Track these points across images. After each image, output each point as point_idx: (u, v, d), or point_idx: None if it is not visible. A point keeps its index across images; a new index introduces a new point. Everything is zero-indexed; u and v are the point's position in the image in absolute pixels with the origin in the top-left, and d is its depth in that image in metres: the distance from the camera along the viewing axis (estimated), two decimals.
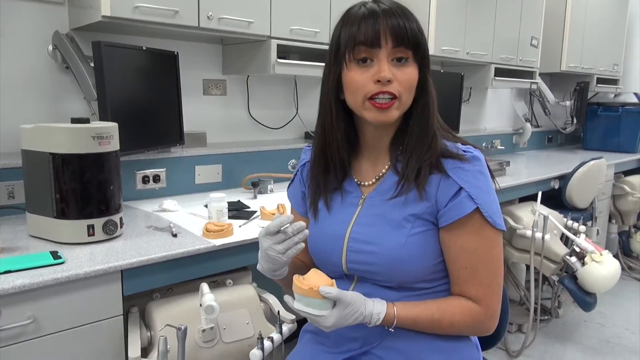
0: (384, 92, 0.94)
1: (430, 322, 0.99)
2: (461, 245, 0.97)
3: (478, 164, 0.98)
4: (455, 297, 1.01)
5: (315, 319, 0.93)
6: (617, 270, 2.29)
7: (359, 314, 0.94)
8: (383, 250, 0.99)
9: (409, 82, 0.96)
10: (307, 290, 0.91)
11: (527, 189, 2.68)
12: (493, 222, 0.97)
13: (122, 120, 1.51)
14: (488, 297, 0.99)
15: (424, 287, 1.02)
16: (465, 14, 2.82)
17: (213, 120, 2.26)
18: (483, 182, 0.97)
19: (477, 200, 0.95)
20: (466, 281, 0.99)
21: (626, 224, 3.66)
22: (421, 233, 0.99)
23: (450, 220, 0.97)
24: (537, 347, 2.55)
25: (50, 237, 1.37)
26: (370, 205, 1.05)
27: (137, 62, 1.76)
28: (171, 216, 1.68)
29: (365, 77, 0.95)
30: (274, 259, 0.99)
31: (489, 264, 0.99)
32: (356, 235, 1.03)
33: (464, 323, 1.00)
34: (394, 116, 0.97)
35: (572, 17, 3.68)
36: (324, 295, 0.91)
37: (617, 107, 4.04)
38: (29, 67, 1.73)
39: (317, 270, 0.99)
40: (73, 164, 1.32)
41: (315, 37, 2.10)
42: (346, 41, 0.96)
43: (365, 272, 1.03)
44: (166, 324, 1.25)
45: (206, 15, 1.76)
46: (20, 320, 1.10)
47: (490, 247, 0.98)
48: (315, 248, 1.11)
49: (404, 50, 0.95)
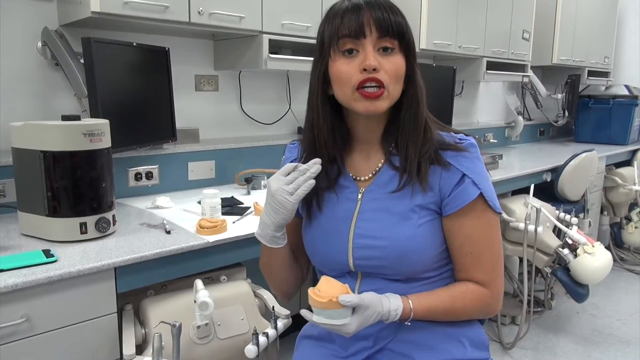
0: (371, 79, 0.94)
1: (444, 311, 1.00)
2: (466, 231, 0.99)
3: (475, 151, 1.01)
4: (464, 282, 1.03)
5: (337, 329, 0.92)
6: (609, 261, 2.31)
7: (377, 314, 0.94)
8: (392, 243, 0.98)
9: (395, 71, 0.96)
10: (326, 303, 0.89)
11: (520, 181, 2.70)
12: (494, 206, 1.00)
13: (114, 117, 1.49)
14: (494, 280, 1.02)
15: (430, 276, 1.03)
16: (457, 7, 2.81)
17: (205, 116, 2.25)
18: (481, 168, 1.00)
19: (480, 186, 0.98)
20: (472, 266, 1.01)
21: (618, 215, 3.68)
22: (427, 223, 1.00)
23: (456, 208, 0.98)
24: (530, 338, 2.57)
25: (43, 235, 1.36)
26: (370, 200, 1.04)
27: (128, 58, 1.75)
28: (164, 213, 1.68)
29: (352, 67, 0.95)
30: (280, 202, 0.97)
31: (492, 248, 1.02)
32: (361, 231, 1.02)
33: (475, 307, 1.02)
34: (383, 106, 0.97)
35: (563, 10, 3.69)
36: (344, 304, 0.89)
37: (608, 99, 4.07)
38: (18, 64, 1.71)
39: (328, 277, 0.96)
40: (64, 161, 1.31)
41: (307, 31, 2.09)
42: (330, 35, 0.96)
43: (374, 267, 1.01)
44: (161, 320, 1.25)
45: (197, 11, 1.74)
46: (13, 320, 1.09)
47: (492, 231, 1.02)
48: (315, 248, 1.08)
49: (389, 40, 0.95)
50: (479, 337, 1.07)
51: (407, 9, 1.00)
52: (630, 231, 3.55)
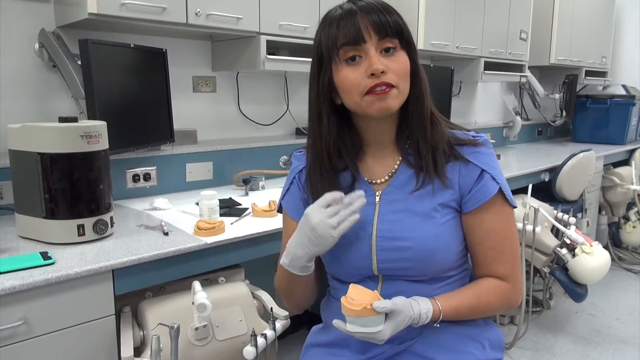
0: (380, 83, 0.93)
1: (470, 309, 1.01)
2: (487, 227, 1.00)
3: (490, 147, 1.03)
4: (486, 279, 1.03)
5: (372, 337, 0.90)
6: (607, 261, 2.31)
7: (409, 318, 0.93)
8: (417, 243, 0.97)
9: (402, 70, 0.95)
10: (360, 311, 0.88)
11: (518, 181, 2.70)
12: (510, 200, 1.02)
13: (111, 118, 1.49)
14: (515, 273, 1.03)
15: (452, 275, 1.04)
16: (455, 8, 2.82)
17: (203, 118, 2.25)
18: (496, 163, 1.02)
19: (498, 181, 1.00)
20: (494, 261, 1.02)
21: (616, 215, 3.69)
22: (450, 221, 1.00)
23: (477, 204, 0.99)
24: (529, 338, 2.57)
25: (40, 237, 1.35)
26: (389, 202, 1.02)
27: (125, 59, 1.75)
28: (162, 214, 1.67)
29: (358, 74, 0.94)
30: (322, 236, 0.92)
31: (511, 242, 1.03)
32: (384, 234, 1.00)
33: (499, 302, 1.03)
34: (394, 104, 0.96)
35: (561, 10, 3.69)
36: (378, 311, 0.88)
37: (606, 99, 4.07)
38: (15, 65, 1.71)
39: (356, 285, 0.94)
40: (62, 163, 1.30)
41: (305, 32, 2.09)
42: (329, 45, 0.95)
43: (398, 269, 1.00)
44: (159, 322, 1.24)
45: (194, 12, 1.74)
46: (11, 322, 1.09)
47: (510, 226, 1.03)
48: (334, 256, 1.04)
49: (389, 40, 0.94)
50: (497, 338, 1.09)
51: (404, 10, 1.01)
52: (628, 231, 3.56)
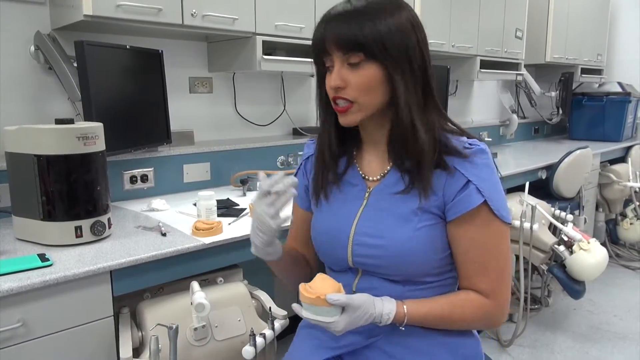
0: (337, 97, 0.98)
1: (441, 318, 0.99)
2: (470, 239, 0.98)
3: (485, 157, 0.98)
4: (465, 291, 1.01)
5: (325, 326, 0.93)
6: (605, 257, 2.32)
7: (369, 316, 0.95)
8: (390, 243, 0.99)
9: (362, 85, 0.96)
10: (314, 299, 0.91)
11: (515, 179, 2.70)
12: (501, 215, 0.97)
13: (108, 120, 1.49)
14: (497, 291, 0.99)
15: (430, 280, 1.02)
16: (450, 7, 2.82)
17: (200, 118, 2.25)
18: (490, 176, 0.97)
19: (484, 194, 0.95)
20: (476, 275, 0.99)
21: (613, 212, 3.70)
22: (428, 227, 0.98)
23: (458, 214, 0.97)
24: (528, 336, 2.57)
25: (38, 239, 1.35)
26: (376, 200, 1.04)
27: (121, 61, 1.75)
28: (160, 215, 1.67)
29: (327, 83, 0.99)
30: (265, 224, 0.98)
31: (498, 258, 0.99)
32: (362, 229, 1.03)
33: (475, 317, 1.00)
34: (353, 119, 0.99)
35: (556, 8, 3.71)
36: (331, 303, 0.91)
37: (602, 96, 4.08)
38: (11, 68, 1.70)
39: (323, 275, 0.98)
40: (58, 165, 1.30)
41: (301, 32, 2.09)
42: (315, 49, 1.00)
43: (371, 265, 1.02)
44: (157, 323, 1.24)
45: (190, 13, 1.74)
46: (10, 324, 1.09)
47: (499, 241, 0.99)
48: (320, 241, 1.11)
49: (352, 55, 0.94)
50: (474, 353, 1.07)
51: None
52: (625, 227, 3.56)
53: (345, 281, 1.04)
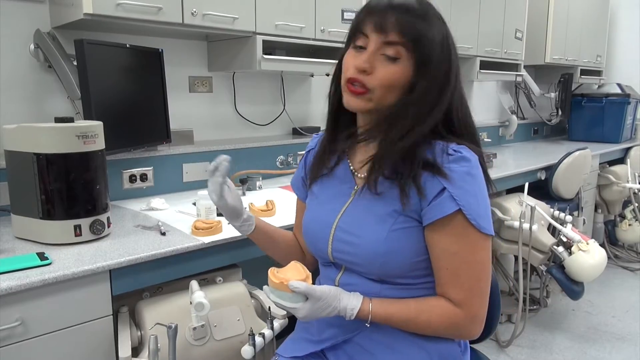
0: (356, 79, 0.97)
1: (406, 321, 1.00)
2: (442, 246, 0.96)
3: (466, 165, 0.94)
4: (436, 297, 1.00)
5: (289, 310, 0.98)
6: (604, 258, 2.32)
7: (332, 308, 0.97)
8: (363, 242, 1.00)
9: (386, 80, 0.95)
10: (277, 284, 0.96)
11: (514, 180, 2.71)
12: (477, 225, 0.93)
13: (107, 119, 1.49)
14: (468, 301, 0.96)
15: (407, 282, 1.02)
16: (450, 7, 2.82)
17: (200, 118, 2.25)
18: (470, 184, 0.94)
19: (460, 202, 0.92)
20: (447, 283, 0.98)
21: (612, 213, 3.70)
22: (403, 229, 0.98)
23: (431, 220, 0.95)
24: (526, 336, 2.57)
25: (37, 238, 1.35)
26: (360, 197, 1.05)
27: (121, 59, 1.74)
28: (159, 215, 1.67)
29: (353, 62, 0.98)
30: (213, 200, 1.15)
31: (472, 268, 0.96)
32: (343, 225, 1.05)
33: (442, 325, 0.98)
34: (361, 105, 0.99)
35: (556, 9, 3.71)
36: (292, 290, 0.95)
37: (601, 98, 4.09)
38: (11, 66, 1.70)
39: (297, 263, 1.04)
40: (58, 164, 1.30)
41: (301, 32, 2.09)
42: (353, 27, 1.00)
43: (348, 262, 1.04)
44: (156, 322, 1.24)
45: (190, 12, 1.74)
46: (8, 323, 1.08)
47: (472, 251, 0.95)
48: (307, 232, 1.14)
49: (398, 47, 0.94)
50: (451, 354, 1.05)
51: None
52: (624, 228, 3.57)
53: (330, 275, 1.09)
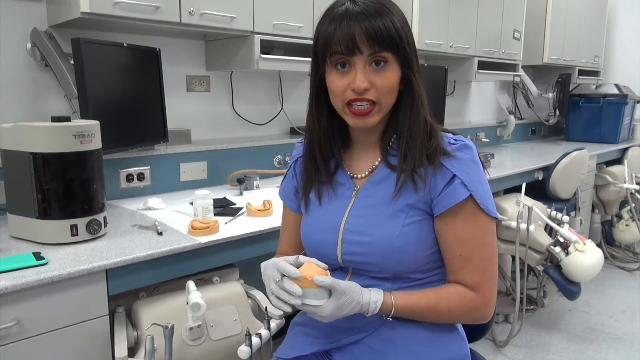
0: (360, 99, 0.95)
1: (427, 310, 0.99)
2: (455, 233, 0.98)
3: (470, 153, 0.99)
4: (452, 284, 1.02)
5: (312, 310, 0.92)
6: (600, 259, 2.32)
7: (356, 303, 0.94)
8: (377, 240, 0.99)
9: (387, 87, 0.96)
10: (302, 282, 0.91)
11: (512, 180, 2.71)
12: (486, 209, 0.98)
13: (104, 118, 1.49)
14: (484, 284, 1.00)
15: (419, 277, 1.03)
16: (448, 7, 2.82)
17: (197, 117, 2.24)
18: (475, 170, 0.98)
19: (470, 187, 0.96)
20: (461, 269, 1.00)
21: (609, 213, 3.71)
22: (416, 223, 0.99)
23: (444, 208, 0.97)
24: (523, 336, 2.58)
25: (33, 237, 1.35)
26: (363, 197, 1.05)
27: (118, 58, 1.74)
28: (156, 214, 1.67)
29: (344, 83, 0.96)
30: None
31: (483, 251, 1.00)
32: (350, 227, 1.03)
33: (461, 310, 1.00)
34: (373, 121, 0.99)
35: (554, 9, 3.71)
36: (318, 284, 0.90)
37: (599, 98, 4.09)
38: (7, 65, 1.69)
39: (311, 262, 0.97)
40: (54, 163, 1.30)
41: (299, 31, 2.09)
42: (323, 46, 0.97)
43: (360, 263, 1.03)
44: (153, 322, 1.24)
45: (188, 11, 1.74)
46: (4, 323, 1.08)
47: (484, 235, 0.99)
48: (310, 240, 1.11)
49: (381, 54, 0.94)
50: (461, 353, 1.07)
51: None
52: (621, 229, 3.58)
53: None
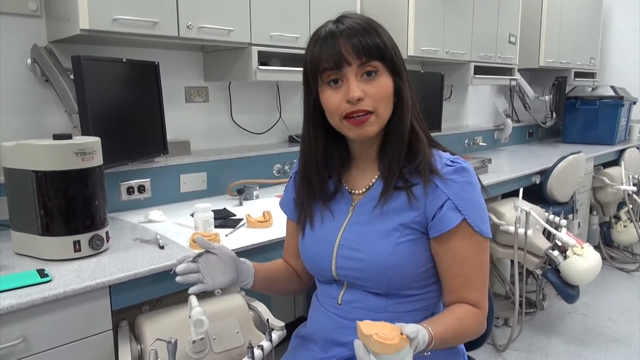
0: (356, 111, 0.97)
1: (455, 334, 0.97)
2: (453, 253, 1.00)
3: (466, 175, 0.99)
4: (460, 305, 1.02)
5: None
6: (598, 262, 2.34)
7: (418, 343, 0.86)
8: (371, 257, 1.01)
9: (382, 95, 0.98)
10: (399, 343, 0.80)
11: (509, 185, 2.73)
12: (480, 231, 0.99)
13: (105, 132, 1.50)
14: (483, 300, 1.03)
15: (413, 294, 1.04)
16: (444, 13, 2.84)
17: (196, 128, 2.26)
18: (471, 193, 0.99)
19: (463, 212, 0.97)
20: (462, 288, 1.01)
21: (607, 214, 3.73)
22: (409, 242, 1.00)
23: (438, 233, 0.99)
24: (523, 340, 2.59)
25: (36, 254, 1.36)
26: (360, 213, 1.06)
27: (118, 74, 1.76)
28: (157, 227, 1.68)
29: (338, 98, 0.98)
30: None
31: (479, 270, 1.02)
32: (346, 242, 1.05)
33: (475, 328, 1.02)
34: (372, 130, 0.99)
35: (549, 12, 3.73)
36: (411, 336, 0.82)
37: (595, 100, 4.11)
38: (8, 81, 1.71)
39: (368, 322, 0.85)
40: (56, 181, 1.31)
41: (296, 42, 2.11)
42: (312, 67, 1.00)
43: (354, 278, 1.04)
44: (156, 337, 1.25)
45: (186, 25, 1.76)
46: (9, 341, 1.09)
47: (479, 254, 1.01)
48: (307, 254, 1.14)
49: (370, 64, 0.96)
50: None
51: (393, 17, 1.03)
52: (619, 230, 3.60)
53: (331, 293, 1.09)
